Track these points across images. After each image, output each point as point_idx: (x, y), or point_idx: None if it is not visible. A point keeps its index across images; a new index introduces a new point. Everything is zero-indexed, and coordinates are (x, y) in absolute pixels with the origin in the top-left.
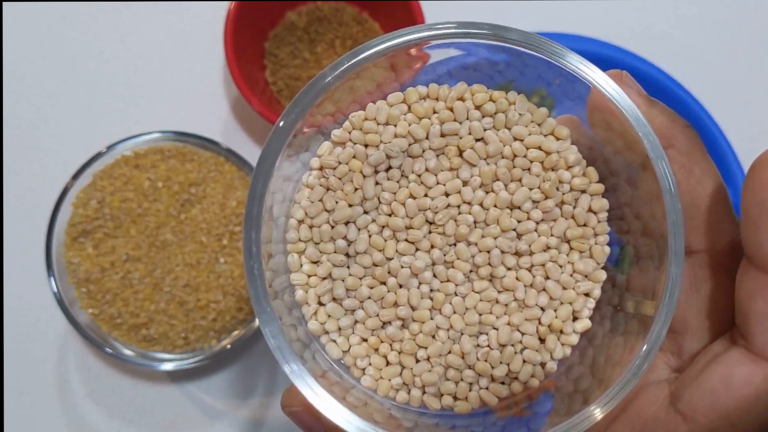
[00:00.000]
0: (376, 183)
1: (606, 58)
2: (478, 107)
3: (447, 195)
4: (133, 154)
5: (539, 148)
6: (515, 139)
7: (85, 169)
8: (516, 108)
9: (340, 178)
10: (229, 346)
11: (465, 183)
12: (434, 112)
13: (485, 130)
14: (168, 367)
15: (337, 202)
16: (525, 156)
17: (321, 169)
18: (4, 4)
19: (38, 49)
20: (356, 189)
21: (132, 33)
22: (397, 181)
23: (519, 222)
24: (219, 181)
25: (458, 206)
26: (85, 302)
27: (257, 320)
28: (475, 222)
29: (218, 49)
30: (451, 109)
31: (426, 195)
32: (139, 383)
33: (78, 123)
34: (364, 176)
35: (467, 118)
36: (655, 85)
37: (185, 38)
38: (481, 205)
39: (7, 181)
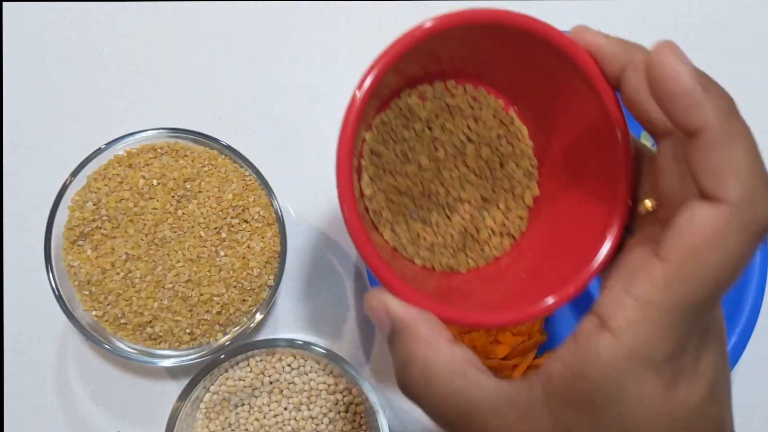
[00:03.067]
0: None
1: None
2: None
3: None
4: (125, 153)
5: None
6: None
7: (83, 166)
8: None
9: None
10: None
11: None
12: None
13: None
14: (168, 363)
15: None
16: None
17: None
18: (4, 4)
19: (38, 49)
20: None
21: (132, 33)
22: None
23: None
24: (213, 174)
25: None
26: (88, 305)
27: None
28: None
29: (218, 49)
30: None
31: None
32: (140, 383)
33: (78, 123)
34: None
35: None
36: None
37: (185, 38)
38: None
39: (7, 182)
